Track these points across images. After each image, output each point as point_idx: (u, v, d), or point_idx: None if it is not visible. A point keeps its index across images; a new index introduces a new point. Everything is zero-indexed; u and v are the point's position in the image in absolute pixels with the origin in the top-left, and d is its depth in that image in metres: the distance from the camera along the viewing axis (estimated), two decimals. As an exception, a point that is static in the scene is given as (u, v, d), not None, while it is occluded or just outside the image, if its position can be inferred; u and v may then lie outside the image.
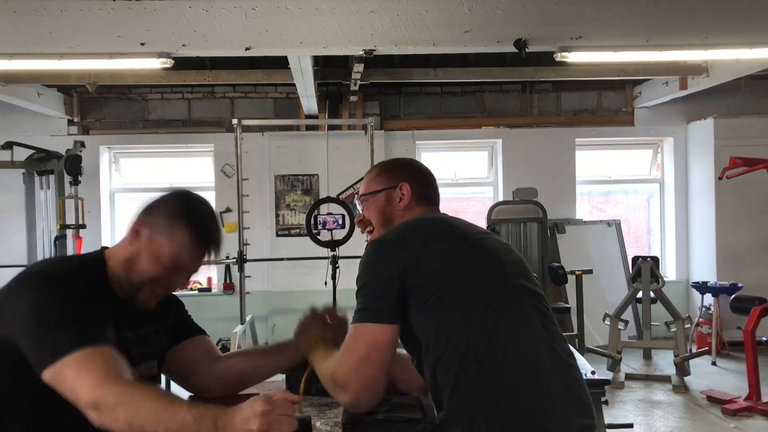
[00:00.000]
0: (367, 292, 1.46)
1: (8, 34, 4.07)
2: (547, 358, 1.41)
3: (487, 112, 7.19)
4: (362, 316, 1.45)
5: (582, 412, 1.41)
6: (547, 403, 1.36)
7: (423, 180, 1.72)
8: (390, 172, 1.72)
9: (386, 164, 1.78)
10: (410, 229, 1.56)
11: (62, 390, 1.30)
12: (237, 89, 7.03)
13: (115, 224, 7.07)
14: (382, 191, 1.69)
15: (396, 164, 1.78)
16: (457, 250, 1.49)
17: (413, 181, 1.69)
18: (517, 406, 1.35)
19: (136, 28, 4.09)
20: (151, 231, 1.49)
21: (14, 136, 6.16)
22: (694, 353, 5.52)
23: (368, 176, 1.75)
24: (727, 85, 6.17)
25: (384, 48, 4.25)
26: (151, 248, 1.49)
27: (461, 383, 1.37)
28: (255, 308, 6.40)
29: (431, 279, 1.43)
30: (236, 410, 1.23)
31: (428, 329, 1.42)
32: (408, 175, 1.70)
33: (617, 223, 7.09)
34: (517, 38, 4.17)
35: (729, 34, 4.25)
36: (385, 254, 1.47)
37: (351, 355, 1.43)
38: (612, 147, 7.45)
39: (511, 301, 1.44)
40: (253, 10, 4.11)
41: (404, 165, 1.77)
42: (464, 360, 1.37)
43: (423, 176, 1.74)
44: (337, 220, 5.74)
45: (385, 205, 1.68)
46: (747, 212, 6.63)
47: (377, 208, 1.68)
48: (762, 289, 5.54)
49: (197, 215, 1.54)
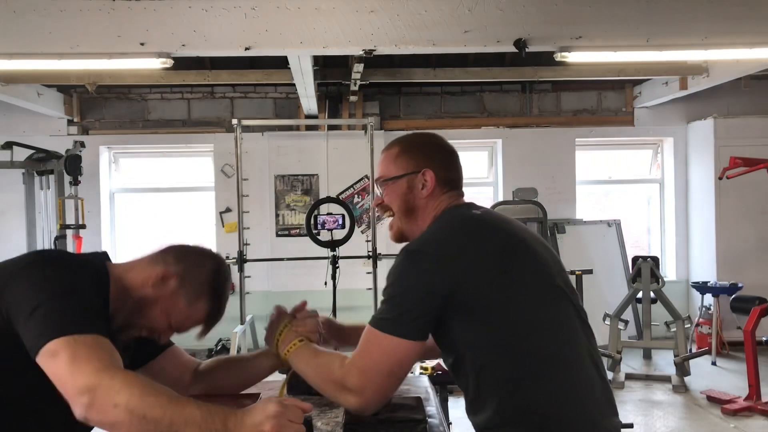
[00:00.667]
0: (399, 303, 1.38)
1: (8, 34, 4.07)
2: (589, 362, 1.42)
3: (487, 112, 7.19)
4: (390, 327, 1.37)
5: (616, 413, 1.46)
6: (594, 407, 1.39)
7: (447, 162, 1.59)
8: (411, 154, 1.57)
9: (407, 143, 1.62)
10: (449, 238, 1.43)
11: (52, 372, 1.18)
12: (237, 89, 7.02)
13: (114, 224, 7.07)
14: (403, 177, 1.56)
15: (417, 143, 1.62)
16: (501, 259, 1.40)
17: (437, 164, 1.56)
18: (571, 412, 1.35)
19: (136, 28, 4.09)
20: (178, 287, 1.43)
21: (14, 136, 6.16)
22: (694, 353, 5.52)
23: (387, 155, 1.61)
24: (727, 85, 6.17)
25: (384, 48, 4.24)
26: (169, 304, 1.43)
27: (514, 390, 1.35)
28: (255, 308, 6.40)
29: (477, 294, 1.36)
30: (247, 411, 1.18)
31: (473, 338, 1.37)
32: (431, 158, 1.57)
33: (617, 223, 7.09)
34: (517, 38, 4.17)
35: (729, 34, 4.25)
36: (424, 269, 1.37)
37: (372, 365, 1.38)
38: (612, 147, 7.45)
39: (559, 308, 1.43)
40: (253, 10, 4.11)
41: (426, 144, 1.61)
42: (517, 368, 1.35)
43: (447, 157, 1.60)
44: (337, 220, 5.74)
45: (407, 193, 1.56)
46: (747, 212, 6.63)
47: (398, 195, 1.56)
48: (762, 289, 5.54)
49: (223, 293, 1.51)
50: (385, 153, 1.63)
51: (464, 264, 1.37)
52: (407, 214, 1.56)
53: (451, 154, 1.62)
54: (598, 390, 1.41)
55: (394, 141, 1.64)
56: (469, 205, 1.57)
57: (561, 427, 1.34)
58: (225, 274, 1.53)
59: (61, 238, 5.85)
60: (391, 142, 1.65)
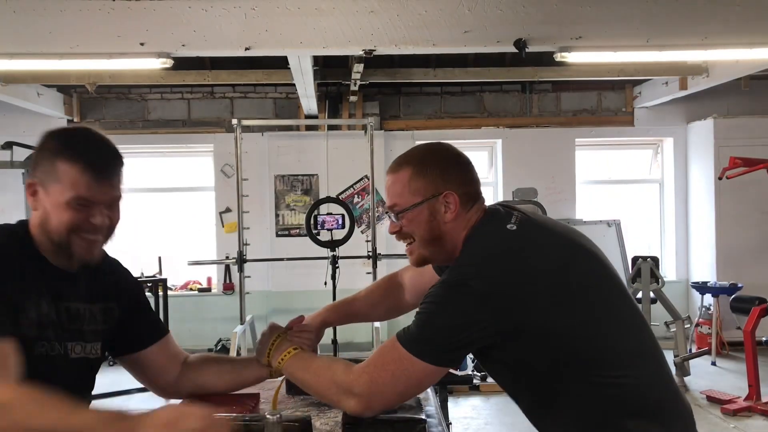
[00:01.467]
0: (437, 329, 1.30)
1: (8, 34, 4.07)
2: (659, 350, 1.43)
3: (486, 112, 7.19)
4: (419, 350, 1.30)
5: None
6: (677, 391, 1.41)
7: (465, 176, 1.45)
8: (426, 175, 1.41)
9: (418, 162, 1.44)
10: (495, 265, 1.32)
11: None
12: (237, 89, 7.02)
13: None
14: (423, 203, 1.41)
15: (429, 161, 1.44)
16: (557, 274, 1.32)
17: (456, 182, 1.41)
18: (670, 392, 1.37)
19: (136, 28, 4.08)
20: (42, 183, 1.39)
21: (14, 136, 6.15)
22: (694, 353, 5.52)
23: (397, 178, 1.44)
24: (727, 85, 6.17)
25: (384, 48, 4.24)
26: (51, 200, 1.38)
27: (615, 386, 1.31)
28: (255, 308, 6.40)
29: (533, 320, 1.28)
30: (146, 416, 1.15)
31: (542, 355, 1.31)
32: (448, 175, 1.42)
33: (617, 223, 7.08)
34: (517, 38, 4.17)
35: (729, 34, 4.25)
36: (471, 302, 1.28)
37: (386, 379, 1.34)
38: (612, 147, 7.45)
39: (626, 303, 1.42)
40: (253, 10, 4.11)
41: (440, 161, 1.44)
42: (609, 368, 1.32)
43: (464, 170, 1.45)
44: (336, 220, 5.74)
45: (430, 220, 1.41)
46: (747, 212, 6.63)
47: (420, 223, 1.42)
48: (762, 289, 5.54)
49: (69, 143, 1.43)
50: (394, 175, 1.45)
51: (510, 298, 1.28)
52: (432, 242, 1.44)
53: (467, 164, 1.47)
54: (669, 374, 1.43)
55: (402, 160, 1.46)
56: (499, 217, 1.42)
57: (672, 405, 1.36)
58: (60, 135, 1.46)
59: (61, 238, 5.84)
60: (398, 161, 1.47)
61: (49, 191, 1.38)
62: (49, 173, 1.38)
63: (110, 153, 1.47)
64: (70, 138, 1.45)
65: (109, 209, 1.45)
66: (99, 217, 1.41)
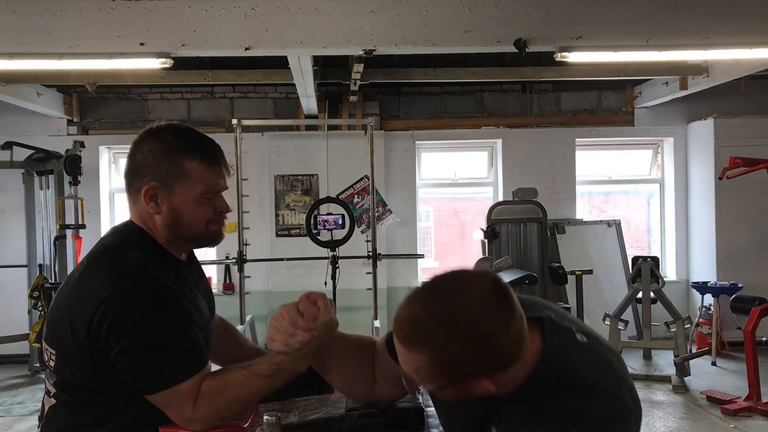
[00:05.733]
0: None
1: (8, 34, 4.07)
2: None
3: (486, 112, 7.19)
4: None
5: None
6: None
7: (497, 345, 1.06)
8: (447, 366, 1.06)
9: (434, 350, 1.06)
10: (624, 388, 1.17)
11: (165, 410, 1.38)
12: (236, 89, 7.03)
13: (114, 224, 7.06)
14: (450, 386, 1.11)
15: (446, 344, 1.05)
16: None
17: (489, 362, 1.07)
18: None
19: (136, 28, 4.09)
20: (164, 185, 1.44)
21: (14, 136, 6.17)
22: (694, 353, 5.52)
23: (410, 363, 1.10)
24: (727, 85, 6.17)
25: (384, 48, 4.24)
26: (180, 198, 1.45)
27: None
28: (255, 308, 6.40)
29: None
30: None
31: None
32: (476, 355, 1.05)
33: (617, 224, 7.09)
34: (517, 38, 4.17)
35: (729, 34, 4.25)
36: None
37: None
38: (612, 147, 7.45)
39: None
40: (253, 10, 4.11)
41: (459, 340, 1.04)
42: None
43: (494, 337, 1.05)
44: (336, 220, 5.74)
45: (468, 396, 1.12)
46: (747, 212, 6.63)
47: (457, 398, 1.14)
48: (762, 289, 5.55)
49: (186, 141, 1.47)
50: (406, 357, 1.10)
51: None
52: None
53: (498, 326, 1.05)
54: None
55: (412, 338, 1.08)
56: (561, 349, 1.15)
57: None
58: (179, 129, 1.50)
59: (60, 238, 5.85)
60: (405, 334, 1.09)
61: (176, 190, 1.45)
62: (171, 173, 1.44)
63: (215, 144, 1.54)
64: (181, 136, 1.49)
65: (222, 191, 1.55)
66: (222, 203, 1.53)
